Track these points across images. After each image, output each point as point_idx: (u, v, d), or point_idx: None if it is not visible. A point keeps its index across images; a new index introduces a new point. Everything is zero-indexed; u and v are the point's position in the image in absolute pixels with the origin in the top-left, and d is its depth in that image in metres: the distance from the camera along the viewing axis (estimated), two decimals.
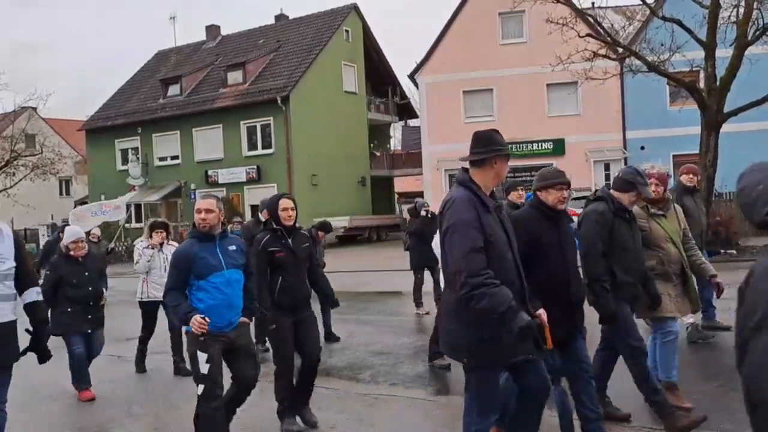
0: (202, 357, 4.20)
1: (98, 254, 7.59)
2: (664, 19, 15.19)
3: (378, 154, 33.88)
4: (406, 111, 37.57)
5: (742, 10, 14.86)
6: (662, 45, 15.67)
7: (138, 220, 31.73)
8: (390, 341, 8.12)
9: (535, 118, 25.41)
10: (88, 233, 24.65)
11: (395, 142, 41.78)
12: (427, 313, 9.71)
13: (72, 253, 6.31)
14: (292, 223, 4.94)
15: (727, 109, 14.95)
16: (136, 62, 61.21)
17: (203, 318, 4.05)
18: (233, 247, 4.42)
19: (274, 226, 4.94)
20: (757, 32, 14.70)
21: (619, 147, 25.10)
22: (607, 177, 25.23)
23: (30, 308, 4.15)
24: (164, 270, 6.63)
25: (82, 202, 38.26)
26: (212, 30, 36.70)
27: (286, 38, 32.22)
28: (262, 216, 6.76)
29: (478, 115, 26.22)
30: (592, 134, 24.95)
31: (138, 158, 31.72)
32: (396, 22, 78.45)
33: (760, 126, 21.76)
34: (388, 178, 35.80)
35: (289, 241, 4.90)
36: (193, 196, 30.07)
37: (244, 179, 29.00)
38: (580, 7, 16.68)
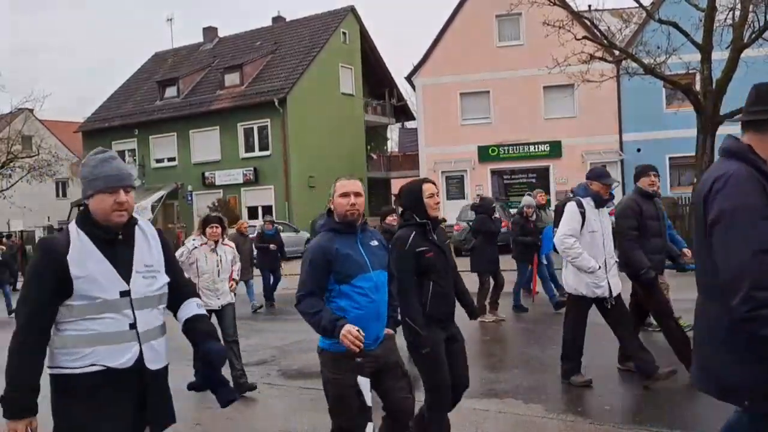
0: (364, 383, 3.27)
1: None
2: (660, 21, 15.25)
3: (375, 157, 33.88)
4: (403, 113, 37.61)
5: (738, 12, 14.92)
6: (658, 47, 15.72)
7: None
8: None
9: (531, 121, 25.45)
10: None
11: (392, 144, 41.82)
12: (503, 320, 8.89)
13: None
14: (438, 213, 4.05)
15: (723, 111, 15.00)
16: (133, 64, 61.09)
17: (358, 330, 3.09)
18: (375, 243, 3.50)
19: (418, 219, 3.96)
20: (753, 35, 14.76)
21: (615, 149, 25.15)
22: None
23: (193, 326, 2.97)
24: (218, 274, 6.12)
25: (78, 204, 38.22)
26: (209, 32, 36.69)
27: (284, 40, 32.22)
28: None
29: (475, 117, 26.26)
30: (588, 136, 24.99)
31: (135, 160, 31.68)
32: (393, 25, 78.57)
33: None
34: (385, 180, 35.81)
35: (435, 237, 3.99)
36: (189, 198, 30.06)
37: (241, 181, 28.99)
38: (576, 10, 16.71)
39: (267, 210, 28.44)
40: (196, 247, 6.19)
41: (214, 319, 5.54)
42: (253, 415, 5.52)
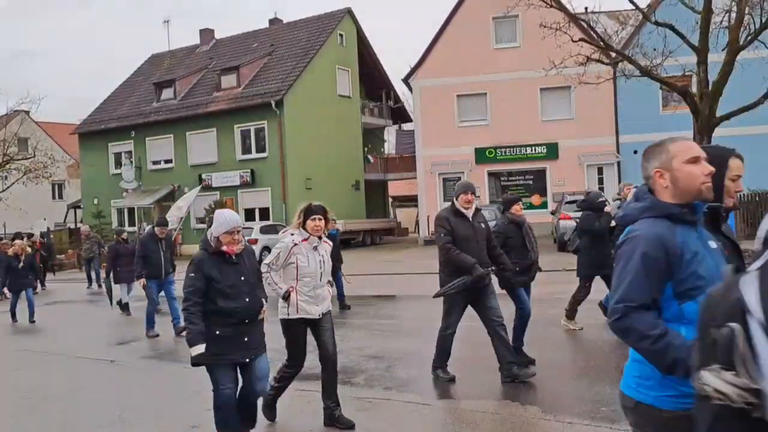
0: None
1: (250, 251, 4.86)
2: (656, 24, 15.28)
3: (372, 160, 33.87)
4: (400, 115, 37.63)
5: (734, 15, 14.97)
6: (655, 50, 15.75)
7: (131, 224, 31.65)
8: (384, 345, 8.11)
9: (528, 122, 25.48)
10: (76, 230, 23.95)
11: (389, 146, 41.82)
12: (581, 329, 8.14)
13: (225, 248, 4.45)
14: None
15: (719, 113, 15.03)
16: (130, 66, 61.05)
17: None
18: (714, 244, 2.31)
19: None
20: (749, 37, 14.80)
21: (612, 151, 25.20)
22: (600, 181, 25.32)
23: None
24: (320, 277, 5.06)
25: (75, 206, 38.14)
26: (206, 34, 36.67)
27: (281, 42, 32.22)
28: (459, 201, 6.02)
29: (472, 119, 26.28)
30: (585, 138, 25.03)
31: (131, 162, 31.63)
32: (390, 27, 78.61)
33: (752, 131, 21.87)
34: (382, 182, 35.81)
35: None
36: None
37: (238, 183, 28.95)
38: (573, 12, 16.74)
39: (264, 212, 28.40)
40: (296, 244, 5.02)
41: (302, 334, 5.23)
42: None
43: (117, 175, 31.88)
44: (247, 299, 4.48)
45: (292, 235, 5.11)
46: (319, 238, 5.08)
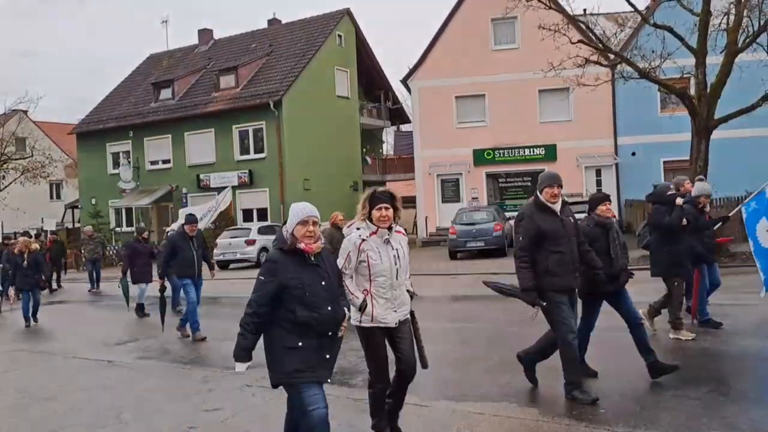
0: None
1: (329, 253, 4.19)
2: (655, 26, 15.30)
3: (370, 162, 33.88)
4: (398, 116, 37.64)
5: (732, 17, 14.99)
6: (653, 52, 15.78)
7: (129, 224, 31.62)
8: None
9: (526, 124, 25.48)
10: (74, 230, 23.04)
11: (388, 147, 41.83)
12: (694, 339, 7.18)
13: (302, 246, 3.76)
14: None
15: (717, 115, 15.06)
16: (128, 66, 61.05)
17: None
18: None
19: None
20: (747, 39, 14.82)
21: (610, 153, 25.20)
22: (599, 183, 25.33)
23: None
24: (396, 275, 4.39)
25: (72, 206, 38.10)
26: (204, 34, 36.65)
27: (279, 42, 32.21)
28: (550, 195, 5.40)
29: (471, 121, 26.28)
30: (583, 140, 25.03)
31: (129, 162, 31.59)
32: (389, 27, 78.67)
33: (750, 133, 21.91)
34: (381, 183, 35.76)
35: None
36: (184, 201, 29.97)
37: (236, 183, 28.92)
38: (572, 14, 16.75)
39: (262, 213, 28.37)
40: (364, 239, 4.35)
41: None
42: (248, 419, 5.49)
43: (115, 175, 31.84)
44: (329, 308, 3.76)
45: (357, 229, 4.43)
46: (389, 228, 4.38)
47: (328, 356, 3.79)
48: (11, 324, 12.52)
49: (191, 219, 10.00)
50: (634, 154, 24.55)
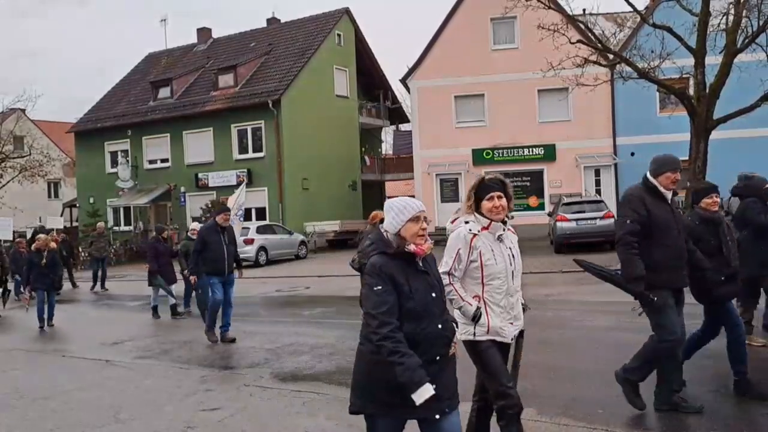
0: None
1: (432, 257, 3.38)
2: (654, 26, 15.30)
3: (369, 162, 33.85)
4: (397, 115, 37.61)
5: (731, 18, 15.00)
6: (652, 52, 15.78)
7: (126, 223, 31.60)
8: None
9: (526, 124, 25.48)
10: (72, 229, 22.00)
11: (386, 147, 41.80)
12: (765, 346, 6.71)
13: (412, 248, 3.07)
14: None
15: (716, 116, 15.06)
16: (127, 65, 60.95)
17: None
18: None
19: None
20: (746, 40, 14.83)
21: (609, 153, 25.21)
22: (597, 183, 25.35)
23: None
24: (512, 275, 3.74)
25: (70, 205, 38.05)
26: (203, 33, 36.61)
27: (278, 42, 32.18)
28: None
29: (470, 120, 26.28)
30: (582, 140, 25.04)
31: (127, 161, 31.53)
32: (388, 27, 78.63)
33: (749, 133, 21.93)
34: (380, 183, 35.79)
35: None
36: (182, 200, 29.96)
37: (235, 183, 28.86)
38: (571, 14, 16.75)
39: (260, 212, 28.35)
40: (475, 234, 3.67)
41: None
42: (246, 419, 5.48)
43: (113, 174, 31.79)
44: (440, 325, 3.07)
45: (466, 223, 3.72)
46: (504, 222, 3.72)
47: (435, 385, 2.91)
48: (11, 324, 12.49)
49: (225, 208, 9.37)
50: (633, 154, 24.53)
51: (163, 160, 31.23)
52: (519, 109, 25.36)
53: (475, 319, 3.64)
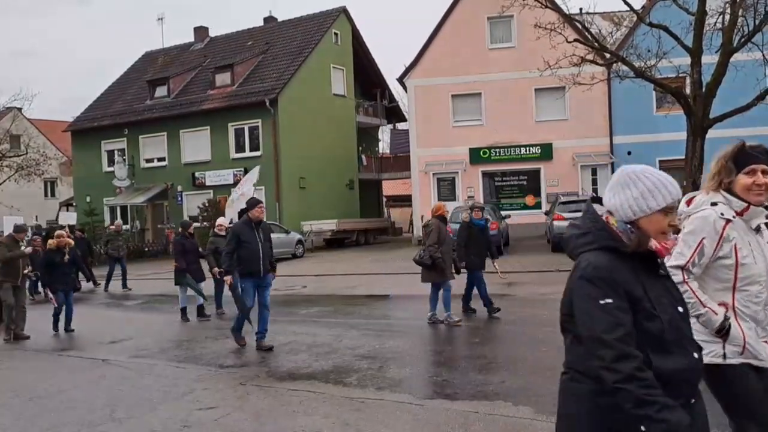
0: None
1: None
2: (651, 25, 15.33)
3: (366, 162, 33.85)
4: (394, 114, 37.62)
5: (727, 17, 15.04)
6: (649, 51, 15.82)
7: (123, 222, 31.52)
8: (377, 345, 8.09)
9: (522, 123, 25.50)
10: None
11: (384, 146, 41.82)
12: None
13: (655, 246, 2.18)
14: None
15: (712, 115, 15.10)
16: (124, 64, 60.80)
17: None
18: None
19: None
20: (743, 39, 14.88)
21: (606, 152, 25.24)
22: (594, 182, 25.37)
23: None
24: None
25: (67, 204, 37.98)
26: (200, 31, 36.57)
27: (275, 40, 32.16)
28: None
29: (467, 119, 26.29)
30: (579, 139, 25.07)
31: (124, 160, 31.49)
32: (385, 26, 78.62)
33: (745, 132, 21.72)
34: (377, 182, 35.79)
35: None
36: (179, 199, 29.91)
37: (232, 181, 28.83)
38: (568, 13, 16.77)
39: None
40: (729, 220, 2.74)
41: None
42: (242, 418, 5.47)
43: (110, 172, 31.74)
44: (695, 354, 2.15)
45: (713, 205, 2.77)
46: (767, 208, 2.78)
47: None
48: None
49: (255, 201, 8.42)
50: (629, 153, 24.57)
51: (160, 159, 31.18)
52: (516, 108, 25.38)
53: (723, 332, 2.72)
